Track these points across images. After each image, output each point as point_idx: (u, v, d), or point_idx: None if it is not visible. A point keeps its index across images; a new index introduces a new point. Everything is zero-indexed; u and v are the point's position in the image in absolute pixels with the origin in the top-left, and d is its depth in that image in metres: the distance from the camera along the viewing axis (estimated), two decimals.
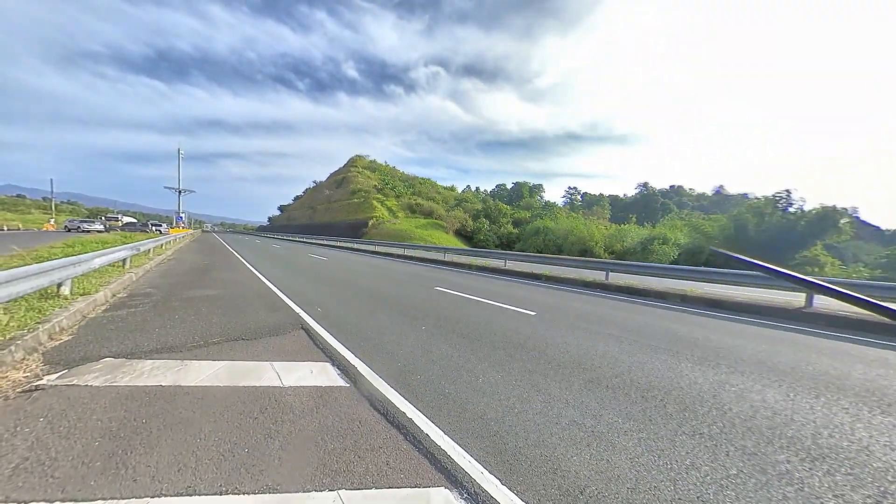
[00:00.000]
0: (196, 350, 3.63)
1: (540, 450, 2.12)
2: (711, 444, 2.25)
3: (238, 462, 1.93)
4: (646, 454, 2.11)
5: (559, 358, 3.76)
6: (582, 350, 4.07)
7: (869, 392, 3.17)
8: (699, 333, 5.13)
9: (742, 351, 4.33)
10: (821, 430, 2.46)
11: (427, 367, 3.37)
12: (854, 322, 5.90)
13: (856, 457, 2.16)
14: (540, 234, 45.20)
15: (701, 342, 4.65)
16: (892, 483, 1.92)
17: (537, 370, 3.39)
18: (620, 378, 3.26)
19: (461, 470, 1.91)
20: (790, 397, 3.00)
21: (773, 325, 6.01)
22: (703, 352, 4.22)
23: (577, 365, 3.57)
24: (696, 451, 2.16)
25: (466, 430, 2.30)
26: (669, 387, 3.11)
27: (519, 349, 4.01)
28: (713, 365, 3.75)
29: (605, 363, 3.65)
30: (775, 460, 2.09)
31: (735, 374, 3.49)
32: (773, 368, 3.72)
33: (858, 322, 5.88)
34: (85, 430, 2.19)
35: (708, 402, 2.83)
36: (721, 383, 3.25)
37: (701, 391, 3.05)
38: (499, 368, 3.39)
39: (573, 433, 2.31)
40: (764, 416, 2.63)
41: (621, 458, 2.07)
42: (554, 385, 3.06)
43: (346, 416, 2.44)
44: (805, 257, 33.40)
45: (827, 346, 4.81)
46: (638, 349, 4.20)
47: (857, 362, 4.08)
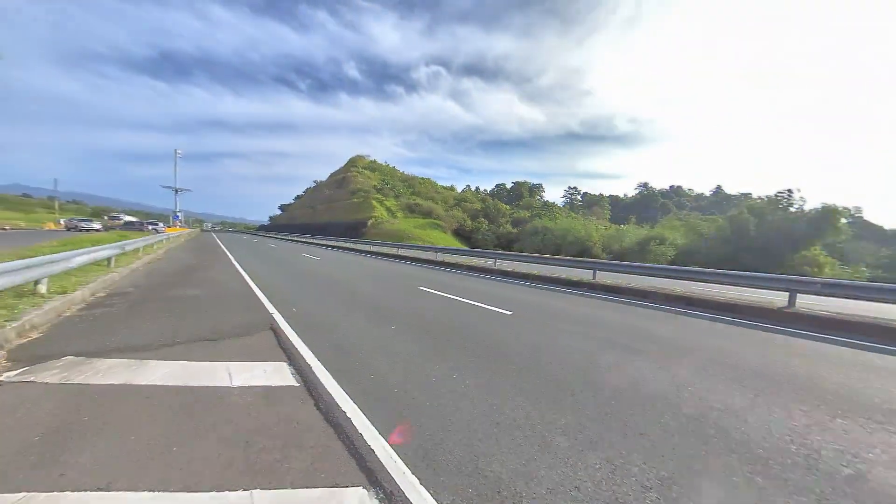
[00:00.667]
0: (159, 350, 3.64)
1: (467, 450, 2.12)
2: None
3: (165, 460, 1.94)
4: (576, 449, 2.11)
5: (519, 357, 3.75)
6: (542, 346, 4.07)
7: (840, 396, 3.16)
8: (668, 331, 5.12)
9: (707, 349, 4.32)
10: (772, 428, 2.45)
11: (383, 366, 3.38)
12: (836, 323, 5.87)
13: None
14: (538, 234, 45.17)
15: (667, 339, 4.63)
16: None
17: (495, 369, 3.39)
18: (565, 367, 3.26)
19: (384, 470, 1.91)
20: (750, 399, 2.99)
21: (748, 324, 5.98)
22: (665, 348, 4.20)
23: (533, 359, 3.58)
24: (629, 451, 2.15)
25: (404, 431, 2.30)
26: (618, 383, 3.10)
27: (483, 347, 4.01)
28: (675, 360, 3.74)
29: (558, 357, 3.64)
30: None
31: (690, 371, 3.48)
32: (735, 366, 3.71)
33: (840, 322, 5.85)
34: (28, 425, 2.21)
35: (667, 400, 2.82)
36: (670, 378, 3.24)
37: (645, 383, 3.04)
38: (456, 368, 3.39)
39: (509, 431, 2.31)
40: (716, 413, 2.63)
41: (548, 453, 2.06)
42: (507, 384, 3.06)
43: (286, 415, 2.45)
44: (804, 257, 33.19)
45: (807, 347, 4.79)
46: (595, 344, 4.20)
47: (836, 364, 4.06)
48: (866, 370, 3.92)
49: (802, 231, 34.75)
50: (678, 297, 7.73)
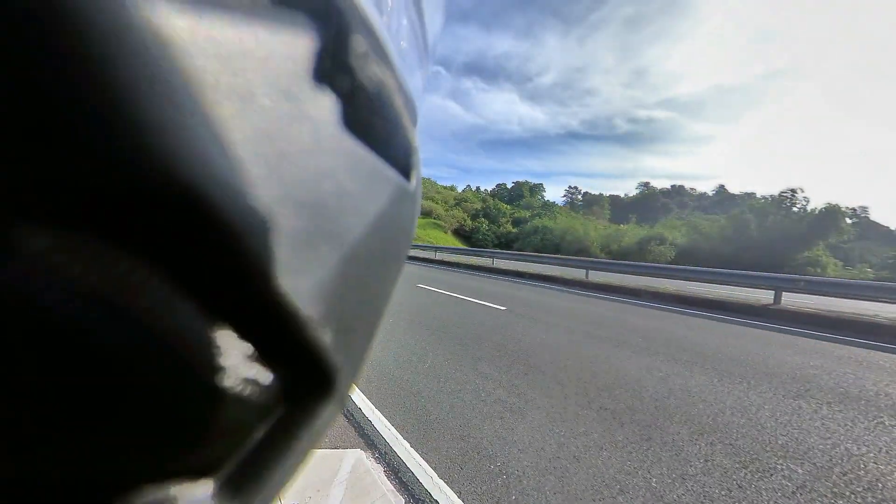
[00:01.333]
0: None
1: (457, 420, 2.41)
2: (610, 416, 2.53)
3: None
4: (547, 424, 2.39)
5: (510, 347, 4.04)
6: (535, 341, 4.35)
7: (797, 379, 3.44)
8: (654, 326, 5.39)
9: (688, 342, 4.60)
10: (725, 410, 2.73)
11: (381, 355, 3.67)
12: (816, 318, 6.13)
13: (746, 430, 2.43)
14: (538, 234, 45.45)
15: (651, 334, 4.91)
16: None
17: (485, 357, 3.68)
18: (557, 364, 3.54)
19: (380, 437, 2.21)
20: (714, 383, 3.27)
21: (734, 320, 6.25)
22: (649, 342, 4.48)
23: (525, 353, 3.85)
24: (594, 423, 2.44)
25: (397, 405, 2.60)
26: (598, 371, 3.38)
27: (477, 340, 4.30)
28: (651, 353, 4.02)
29: (549, 352, 3.93)
30: (665, 431, 2.37)
31: (668, 362, 3.76)
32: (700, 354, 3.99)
33: (818, 318, 6.11)
34: None
35: (630, 386, 3.10)
36: (648, 368, 3.52)
37: (627, 376, 3.32)
38: (449, 356, 3.68)
39: (493, 408, 2.60)
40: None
41: (525, 426, 2.35)
42: (495, 370, 3.35)
43: None
44: (807, 258, 33.31)
45: (780, 339, 5.06)
46: (585, 339, 4.48)
47: (816, 356, 4.34)
48: (823, 356, 4.19)
49: (805, 231, 34.83)
50: (669, 295, 7.99)
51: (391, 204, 0.23)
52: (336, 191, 0.17)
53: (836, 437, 2.39)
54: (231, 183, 0.12)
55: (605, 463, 2.00)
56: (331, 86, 0.18)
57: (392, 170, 0.24)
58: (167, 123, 0.11)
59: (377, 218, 0.21)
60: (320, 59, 0.17)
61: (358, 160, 0.20)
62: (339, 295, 0.18)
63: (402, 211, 0.26)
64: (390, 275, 0.27)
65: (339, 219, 0.18)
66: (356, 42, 0.19)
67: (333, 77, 0.18)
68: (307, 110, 0.16)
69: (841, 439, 2.37)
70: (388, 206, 0.23)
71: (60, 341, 0.10)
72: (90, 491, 0.11)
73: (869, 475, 1.98)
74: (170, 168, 0.11)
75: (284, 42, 0.15)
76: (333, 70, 0.18)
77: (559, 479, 1.86)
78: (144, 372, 0.11)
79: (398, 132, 0.24)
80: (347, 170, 0.19)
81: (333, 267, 0.17)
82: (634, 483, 1.84)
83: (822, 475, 1.97)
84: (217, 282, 0.13)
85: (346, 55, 0.18)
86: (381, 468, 1.96)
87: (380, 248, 0.23)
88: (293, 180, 0.15)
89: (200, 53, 0.12)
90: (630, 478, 1.87)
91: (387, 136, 0.23)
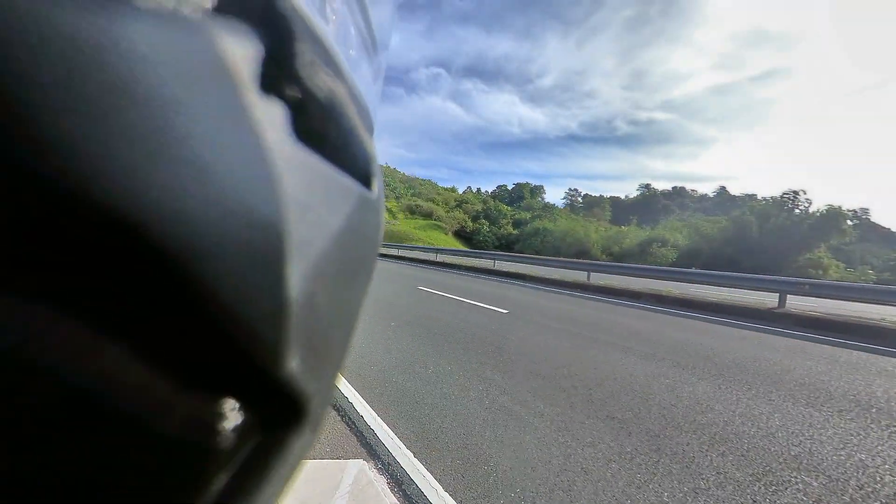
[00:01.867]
0: None
1: (460, 429, 2.36)
2: (619, 426, 2.47)
3: None
4: (553, 433, 2.34)
5: (512, 351, 3.99)
6: (537, 345, 4.30)
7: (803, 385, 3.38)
8: (658, 330, 5.34)
9: (693, 347, 4.54)
10: (735, 419, 2.68)
11: (382, 358, 3.62)
12: (820, 322, 6.07)
13: (759, 441, 2.38)
14: (538, 236, 45.41)
15: (656, 338, 4.85)
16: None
17: (488, 362, 3.62)
18: (561, 370, 3.48)
19: (382, 446, 2.15)
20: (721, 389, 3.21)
21: (738, 324, 6.19)
22: (654, 347, 4.43)
23: (527, 358, 3.80)
24: (601, 433, 2.38)
25: (400, 413, 2.54)
26: (604, 378, 3.33)
27: (479, 343, 4.25)
28: (656, 359, 3.97)
29: (552, 357, 3.87)
30: (675, 441, 2.31)
31: (675, 368, 3.71)
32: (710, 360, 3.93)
33: (822, 322, 6.05)
34: None
35: (637, 393, 3.05)
36: (655, 375, 3.46)
37: (634, 382, 3.26)
38: (451, 361, 3.63)
39: (496, 416, 2.55)
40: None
41: (529, 435, 2.30)
42: (497, 375, 3.29)
43: None
44: (808, 260, 33.21)
45: (788, 344, 5.00)
46: (590, 344, 4.42)
47: (808, 359, 4.28)
48: (831, 362, 4.13)
49: (806, 233, 34.76)
50: (672, 298, 7.94)
51: (354, 214, 0.22)
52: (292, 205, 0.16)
53: (849, 448, 2.33)
54: (165, 204, 0.11)
55: (614, 476, 1.94)
56: (278, 95, 0.17)
57: (351, 179, 0.23)
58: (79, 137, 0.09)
59: (340, 230, 0.20)
60: (264, 68, 0.16)
61: (314, 171, 0.19)
62: (305, 317, 0.17)
63: (365, 221, 0.25)
64: (358, 289, 0.26)
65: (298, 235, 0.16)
66: (301, 49, 0.18)
67: (280, 86, 0.17)
68: (253, 121, 0.15)
69: (854, 450, 2.31)
70: (351, 217, 0.22)
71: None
72: None
73: (886, 488, 1.93)
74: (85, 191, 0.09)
75: (225, 49, 0.14)
76: (280, 79, 0.17)
77: (567, 492, 1.80)
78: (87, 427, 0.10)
79: (354, 141, 0.24)
80: (303, 182, 0.17)
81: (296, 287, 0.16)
82: (645, 497, 1.78)
83: (839, 489, 1.91)
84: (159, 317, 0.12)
85: (292, 63, 0.17)
86: (384, 479, 1.91)
87: (345, 261, 0.22)
88: (242, 197, 0.13)
89: (120, 59, 0.10)
90: (641, 492, 1.82)
91: (343, 145, 0.22)
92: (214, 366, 0.14)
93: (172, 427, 0.12)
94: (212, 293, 0.12)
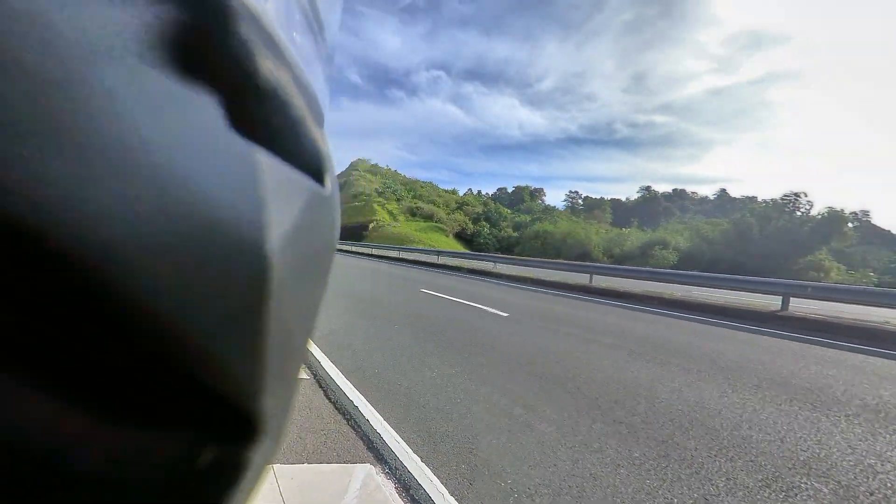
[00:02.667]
0: None
1: (465, 433, 2.34)
2: (626, 431, 2.46)
3: None
4: (559, 438, 2.33)
5: (514, 354, 3.98)
6: (540, 349, 4.28)
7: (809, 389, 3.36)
8: (663, 334, 5.32)
9: (698, 350, 4.52)
10: (742, 424, 2.66)
11: (385, 362, 3.61)
12: (823, 325, 6.05)
13: (767, 447, 2.36)
14: (539, 238, 45.40)
15: (661, 342, 4.84)
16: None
17: (492, 366, 3.61)
18: (566, 374, 3.47)
19: (389, 450, 2.14)
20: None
21: (741, 327, 6.17)
22: (659, 351, 4.41)
23: (530, 362, 3.78)
24: (609, 438, 2.37)
25: (404, 417, 2.53)
26: (609, 381, 3.31)
27: (480, 347, 4.23)
28: (661, 362, 3.95)
29: (557, 360, 3.86)
30: (683, 447, 2.30)
31: (681, 372, 3.69)
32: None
33: (826, 325, 6.03)
34: None
35: (643, 397, 3.03)
36: (660, 379, 3.45)
37: (639, 386, 3.25)
38: (455, 364, 3.62)
39: (500, 420, 2.53)
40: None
41: (534, 440, 2.29)
42: (500, 378, 3.28)
43: (300, 404, 2.68)
44: (810, 262, 33.12)
45: (786, 346, 4.98)
46: (595, 348, 4.41)
47: (813, 363, 4.26)
48: (837, 366, 4.11)
49: (808, 236, 34.69)
50: (674, 300, 7.92)
51: (306, 213, 0.21)
52: (233, 203, 0.14)
53: (858, 453, 2.31)
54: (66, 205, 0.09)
55: (623, 482, 1.93)
56: (210, 80, 0.15)
57: (302, 174, 0.21)
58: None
59: (291, 230, 0.19)
60: (193, 48, 0.14)
61: (256, 166, 0.17)
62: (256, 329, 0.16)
63: (319, 220, 0.23)
64: (314, 294, 0.24)
65: (242, 236, 0.15)
66: (237, 28, 0.15)
67: (213, 69, 0.15)
68: (182, 109, 0.13)
69: (863, 455, 2.30)
70: (303, 215, 0.20)
71: None
72: None
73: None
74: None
75: (143, 22, 0.12)
76: (212, 61, 0.15)
77: (576, 499, 1.79)
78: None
79: (303, 133, 0.22)
80: (245, 178, 0.16)
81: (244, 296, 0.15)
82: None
83: (849, 495, 1.90)
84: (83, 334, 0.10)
85: (227, 43, 0.15)
86: (391, 484, 1.90)
87: (298, 264, 0.20)
88: (173, 196, 0.12)
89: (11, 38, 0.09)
90: (651, 498, 1.80)
91: (291, 137, 0.20)
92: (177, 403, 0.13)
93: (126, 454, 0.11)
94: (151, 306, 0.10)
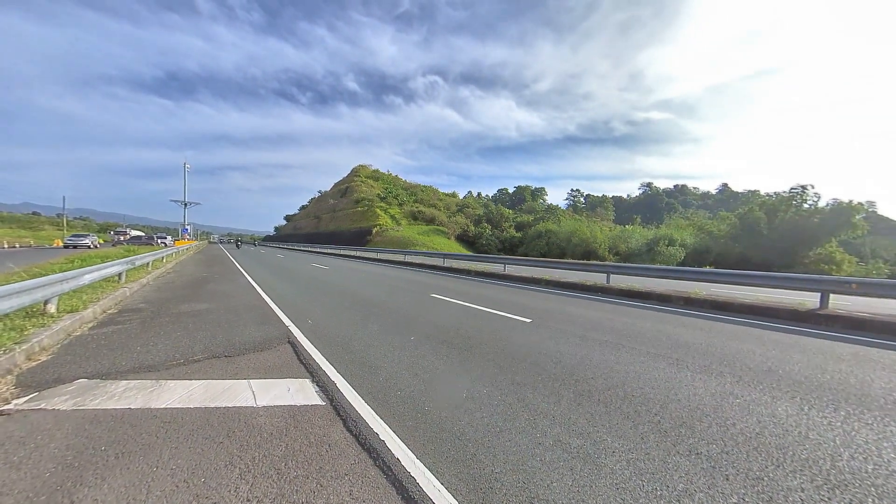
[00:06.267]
0: (175, 369, 3.51)
1: (518, 475, 1.95)
2: (709, 465, 2.05)
3: (191, 493, 1.79)
4: (634, 477, 1.93)
5: (551, 369, 3.58)
6: (576, 360, 3.88)
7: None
8: (702, 339, 4.90)
9: (749, 357, 4.10)
10: (841, 451, 2.25)
11: (409, 381, 3.22)
12: (876, 325, 5.60)
13: (884, 483, 1.95)
14: (543, 238, 44.86)
15: (703, 348, 4.42)
16: None
17: (527, 383, 3.22)
18: (614, 391, 3.07)
19: (428, 499, 1.75)
20: (804, 411, 2.79)
21: (782, 328, 5.74)
22: (706, 359, 4.00)
23: (570, 376, 3.38)
24: (692, 475, 1.97)
25: (441, 454, 2.14)
26: (666, 399, 2.91)
27: (510, 360, 3.84)
28: (714, 373, 3.54)
29: (599, 374, 3.46)
30: (785, 487, 1.90)
31: (739, 385, 3.28)
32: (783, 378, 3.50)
33: (880, 324, 5.59)
34: (39, 459, 2.07)
35: (711, 418, 2.63)
36: (721, 394, 3.04)
37: (702, 404, 2.84)
38: (486, 382, 3.22)
39: (556, 454, 2.14)
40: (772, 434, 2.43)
41: (607, 482, 1.89)
42: (542, 399, 2.88)
43: (317, 438, 2.30)
44: (820, 255, 32.42)
45: (848, 350, 4.55)
46: (635, 357, 4.00)
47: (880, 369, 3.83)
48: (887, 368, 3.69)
49: (817, 228, 34.06)
50: (702, 300, 7.48)
51: None
52: None
53: None
54: None
55: None
56: None
57: None
58: None
59: None
60: None
61: None
62: None
63: None
64: None
65: None
66: None
67: None
68: None
69: None
70: None
71: None
72: None
73: None
74: None
75: None
76: None
77: None
78: None
79: None
80: None
81: None
82: None
83: None
84: None
85: None
86: None
87: None
88: None
89: None
90: None
91: None
92: None
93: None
94: None
